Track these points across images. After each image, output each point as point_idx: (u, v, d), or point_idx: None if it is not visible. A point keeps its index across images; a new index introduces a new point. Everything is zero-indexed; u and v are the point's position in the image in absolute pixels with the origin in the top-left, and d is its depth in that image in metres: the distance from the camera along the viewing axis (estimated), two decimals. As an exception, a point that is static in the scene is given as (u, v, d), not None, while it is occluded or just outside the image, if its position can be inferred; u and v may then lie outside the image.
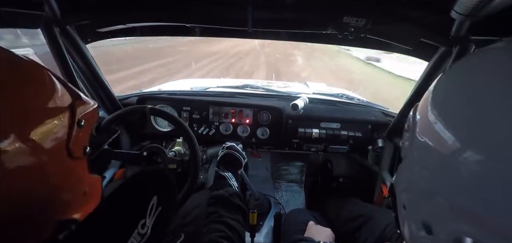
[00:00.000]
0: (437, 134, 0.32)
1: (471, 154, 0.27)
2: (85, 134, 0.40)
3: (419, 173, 0.36)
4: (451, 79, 0.38)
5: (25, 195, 0.29)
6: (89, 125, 0.41)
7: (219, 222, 0.64)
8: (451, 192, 0.29)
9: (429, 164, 0.34)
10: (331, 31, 0.80)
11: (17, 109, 0.29)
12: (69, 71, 0.88)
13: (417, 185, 0.36)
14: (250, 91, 1.38)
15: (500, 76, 0.29)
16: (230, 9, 0.80)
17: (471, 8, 0.55)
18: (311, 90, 1.63)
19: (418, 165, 0.37)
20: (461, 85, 0.34)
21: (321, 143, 1.23)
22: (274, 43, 13.64)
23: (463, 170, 0.27)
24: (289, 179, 1.60)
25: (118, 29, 0.95)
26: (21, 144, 0.28)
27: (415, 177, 0.37)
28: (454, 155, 0.29)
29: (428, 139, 0.34)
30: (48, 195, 0.32)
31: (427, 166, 0.34)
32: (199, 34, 0.99)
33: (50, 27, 0.78)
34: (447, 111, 0.33)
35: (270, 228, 1.25)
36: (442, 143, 0.31)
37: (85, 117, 0.39)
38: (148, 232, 0.34)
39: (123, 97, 1.25)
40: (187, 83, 1.74)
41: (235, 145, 0.91)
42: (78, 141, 0.37)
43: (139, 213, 0.33)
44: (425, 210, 0.34)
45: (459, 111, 0.31)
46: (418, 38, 0.78)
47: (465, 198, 0.27)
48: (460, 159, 0.28)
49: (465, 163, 0.27)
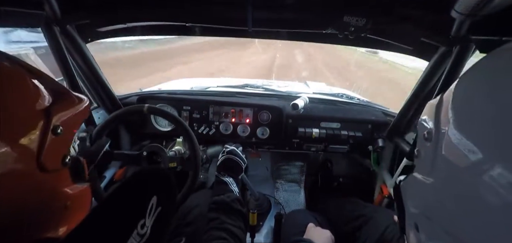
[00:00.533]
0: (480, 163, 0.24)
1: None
2: (65, 141, 0.35)
3: (444, 203, 0.29)
4: (480, 81, 0.31)
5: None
6: (71, 130, 0.37)
7: (220, 229, 0.64)
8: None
9: (460, 197, 0.27)
10: (331, 31, 0.80)
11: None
12: (69, 70, 0.88)
13: (440, 216, 0.30)
14: (250, 91, 1.38)
15: None
16: (230, 9, 0.80)
17: (471, 8, 0.54)
18: (311, 90, 1.63)
19: (445, 193, 0.29)
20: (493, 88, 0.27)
21: (321, 143, 1.22)
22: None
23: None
24: (289, 178, 1.60)
25: (118, 29, 0.95)
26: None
27: (437, 205, 0.31)
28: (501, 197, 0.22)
29: (463, 164, 0.26)
30: (14, 215, 0.28)
31: (458, 200, 0.27)
32: (199, 34, 0.99)
33: (50, 26, 0.78)
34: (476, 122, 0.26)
35: (270, 228, 1.25)
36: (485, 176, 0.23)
37: (66, 122, 0.34)
38: (147, 232, 0.33)
39: (123, 96, 1.25)
40: (187, 83, 1.74)
41: (235, 149, 0.91)
42: (53, 151, 0.32)
43: (139, 213, 0.33)
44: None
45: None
46: (418, 37, 0.78)
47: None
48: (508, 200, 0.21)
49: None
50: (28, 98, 0.31)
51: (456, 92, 0.32)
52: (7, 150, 0.26)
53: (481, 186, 0.23)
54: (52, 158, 0.32)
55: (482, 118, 0.26)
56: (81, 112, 0.39)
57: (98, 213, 0.31)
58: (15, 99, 0.29)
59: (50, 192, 0.34)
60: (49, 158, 0.31)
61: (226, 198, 0.72)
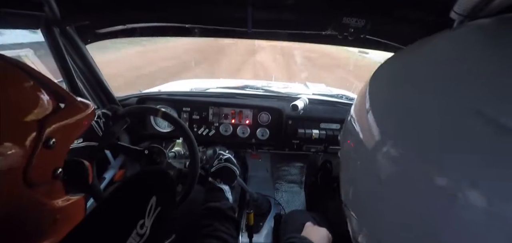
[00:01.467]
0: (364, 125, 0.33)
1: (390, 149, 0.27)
2: (57, 154, 0.33)
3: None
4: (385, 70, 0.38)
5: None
6: (66, 141, 0.34)
7: (213, 236, 0.64)
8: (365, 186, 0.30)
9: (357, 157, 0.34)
10: (330, 32, 0.80)
11: None
12: (69, 71, 0.88)
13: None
14: (250, 92, 1.38)
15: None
16: (230, 10, 0.80)
17: (470, 9, 0.54)
18: (310, 91, 1.63)
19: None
20: (393, 79, 0.34)
21: (321, 144, 1.22)
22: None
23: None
24: (289, 179, 1.60)
25: (118, 30, 0.96)
26: None
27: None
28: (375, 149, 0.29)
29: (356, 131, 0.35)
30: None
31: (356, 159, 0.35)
32: (199, 35, 0.99)
33: (50, 27, 0.78)
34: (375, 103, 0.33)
35: (270, 229, 1.24)
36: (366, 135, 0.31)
37: (62, 132, 0.32)
38: (147, 232, 0.33)
39: (123, 97, 1.25)
40: (187, 84, 1.74)
41: (231, 158, 0.91)
42: (42, 165, 0.30)
43: (138, 213, 0.33)
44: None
45: (387, 104, 0.31)
46: (418, 38, 0.78)
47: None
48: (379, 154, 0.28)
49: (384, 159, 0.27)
50: (19, 105, 0.29)
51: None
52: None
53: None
54: (40, 172, 0.30)
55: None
56: (82, 119, 0.37)
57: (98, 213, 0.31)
58: (3, 105, 0.27)
59: (37, 206, 0.32)
60: (37, 172, 0.29)
61: (222, 205, 0.72)
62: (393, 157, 0.27)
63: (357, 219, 0.34)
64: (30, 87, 0.30)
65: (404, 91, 0.30)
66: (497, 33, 0.29)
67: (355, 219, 0.35)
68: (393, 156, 0.27)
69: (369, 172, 0.30)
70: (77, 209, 0.40)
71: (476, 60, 0.27)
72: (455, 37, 0.33)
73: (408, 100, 0.29)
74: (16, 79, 0.29)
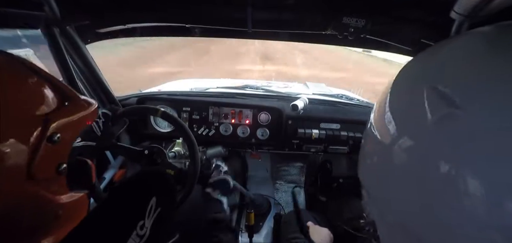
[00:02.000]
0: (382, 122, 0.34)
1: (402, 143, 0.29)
2: (61, 149, 0.33)
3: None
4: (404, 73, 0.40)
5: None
6: (70, 137, 0.34)
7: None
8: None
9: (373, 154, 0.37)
10: (330, 32, 0.80)
11: None
12: (69, 71, 0.88)
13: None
14: (249, 92, 1.38)
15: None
16: (230, 10, 0.80)
17: (471, 9, 0.54)
18: (310, 91, 1.63)
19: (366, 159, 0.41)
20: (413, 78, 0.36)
21: (321, 144, 1.22)
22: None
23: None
24: (289, 179, 1.60)
25: (118, 30, 0.96)
26: None
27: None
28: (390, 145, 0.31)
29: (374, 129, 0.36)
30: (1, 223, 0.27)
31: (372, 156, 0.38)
32: (199, 35, 0.99)
33: (50, 27, 0.78)
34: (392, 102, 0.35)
35: (270, 229, 1.24)
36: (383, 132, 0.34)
37: (66, 129, 0.32)
38: (147, 233, 0.33)
39: (123, 97, 1.25)
40: (187, 84, 1.74)
41: (227, 172, 0.96)
42: (47, 160, 0.31)
43: (138, 214, 0.33)
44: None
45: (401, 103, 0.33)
46: (418, 38, 0.78)
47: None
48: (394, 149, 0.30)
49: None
50: (25, 100, 0.29)
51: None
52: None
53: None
54: (44, 167, 0.31)
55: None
56: (86, 117, 0.37)
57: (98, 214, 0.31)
58: (9, 100, 0.27)
59: (40, 201, 0.32)
60: (41, 167, 0.30)
61: (225, 217, 0.78)
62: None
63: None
64: (34, 83, 0.31)
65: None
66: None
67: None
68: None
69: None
70: (80, 206, 0.40)
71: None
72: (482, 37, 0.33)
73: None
74: (22, 76, 0.30)
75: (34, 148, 0.29)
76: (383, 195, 0.33)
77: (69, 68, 0.88)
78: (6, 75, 0.29)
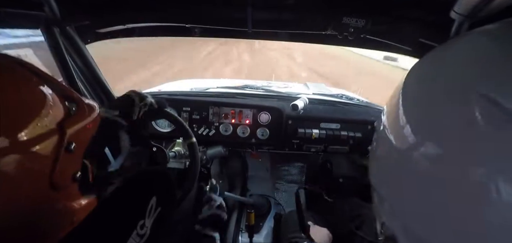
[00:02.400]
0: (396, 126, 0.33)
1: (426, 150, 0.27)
2: (76, 157, 0.33)
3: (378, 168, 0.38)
4: (418, 71, 0.38)
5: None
6: (82, 145, 0.34)
7: None
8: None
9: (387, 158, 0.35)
10: (330, 32, 0.80)
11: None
12: (69, 71, 0.88)
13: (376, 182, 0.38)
14: (250, 92, 1.38)
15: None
16: (230, 10, 0.80)
17: (471, 9, 0.54)
18: (310, 91, 1.63)
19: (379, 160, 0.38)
20: (425, 78, 0.34)
21: (321, 144, 1.22)
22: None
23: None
24: (289, 179, 1.60)
25: (118, 30, 0.96)
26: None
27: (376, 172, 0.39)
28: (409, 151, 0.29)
29: (388, 132, 0.35)
30: (18, 232, 0.27)
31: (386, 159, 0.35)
32: (199, 35, 0.99)
33: (50, 27, 0.78)
34: (407, 102, 0.33)
35: (270, 228, 1.25)
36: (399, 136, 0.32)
37: (78, 136, 0.32)
38: (147, 233, 0.33)
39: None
40: (187, 84, 1.74)
41: (223, 204, 0.90)
42: (65, 169, 0.31)
43: (138, 213, 0.33)
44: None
45: (418, 104, 0.32)
46: (418, 38, 0.78)
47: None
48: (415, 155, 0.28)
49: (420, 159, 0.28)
50: (40, 109, 0.28)
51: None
52: (19, 166, 0.25)
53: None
54: (63, 176, 0.31)
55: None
56: (93, 121, 0.36)
57: (98, 213, 0.31)
58: (30, 111, 0.27)
59: (58, 209, 0.32)
60: (61, 175, 0.30)
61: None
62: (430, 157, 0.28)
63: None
64: (43, 89, 0.30)
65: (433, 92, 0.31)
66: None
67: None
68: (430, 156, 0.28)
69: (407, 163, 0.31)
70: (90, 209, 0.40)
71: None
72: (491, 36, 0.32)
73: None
74: (33, 82, 0.29)
75: (54, 157, 0.29)
76: (408, 207, 0.30)
77: (69, 68, 0.88)
78: (22, 82, 0.28)
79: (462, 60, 0.31)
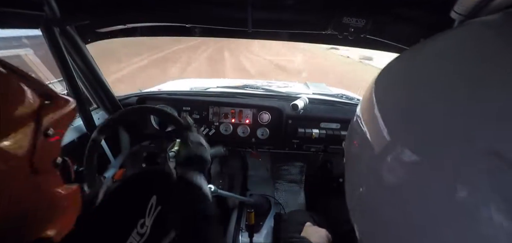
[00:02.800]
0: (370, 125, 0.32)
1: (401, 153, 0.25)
2: (55, 143, 0.35)
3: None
4: (391, 69, 0.37)
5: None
6: (60, 133, 0.36)
7: None
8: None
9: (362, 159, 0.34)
10: (331, 32, 0.80)
11: None
12: (69, 71, 0.88)
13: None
14: (250, 91, 1.38)
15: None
16: (230, 10, 0.80)
17: (471, 9, 0.54)
18: (311, 91, 1.63)
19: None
20: (401, 76, 0.33)
21: (321, 143, 1.23)
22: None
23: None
24: (289, 179, 1.60)
25: (118, 29, 0.96)
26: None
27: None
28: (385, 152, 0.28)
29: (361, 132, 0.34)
30: (6, 215, 0.28)
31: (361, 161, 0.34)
32: (199, 34, 0.99)
33: (50, 27, 0.78)
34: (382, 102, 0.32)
35: (270, 228, 1.25)
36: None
37: (56, 124, 0.34)
38: (147, 232, 0.34)
39: (123, 97, 1.25)
40: (187, 83, 1.74)
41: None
42: (45, 153, 0.32)
43: (138, 212, 0.33)
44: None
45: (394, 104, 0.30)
46: (418, 38, 0.78)
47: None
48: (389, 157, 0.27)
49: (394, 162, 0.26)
50: (20, 100, 0.30)
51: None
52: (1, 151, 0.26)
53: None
54: (43, 160, 0.32)
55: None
56: (68, 114, 0.37)
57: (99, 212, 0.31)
58: (7, 103, 0.28)
59: (43, 193, 0.33)
60: (41, 159, 0.31)
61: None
62: (403, 162, 0.25)
63: (360, 225, 0.33)
64: (17, 82, 0.31)
65: (414, 93, 0.29)
66: (504, 29, 0.28)
67: (358, 226, 0.34)
68: (402, 161, 0.25)
69: (375, 176, 0.29)
70: (76, 197, 0.40)
71: (485, 57, 0.26)
72: (460, 35, 0.31)
73: (418, 102, 0.27)
74: (7, 76, 0.30)
75: (33, 142, 0.30)
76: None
77: (69, 68, 0.88)
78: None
79: (444, 57, 0.31)
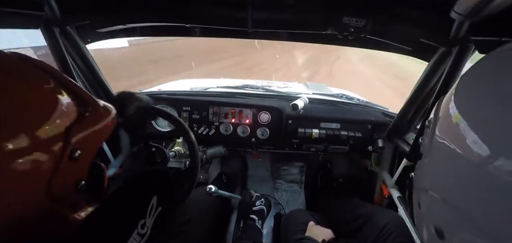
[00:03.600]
0: (463, 138, 0.29)
1: (503, 164, 0.24)
2: (81, 165, 0.31)
3: (437, 177, 0.34)
4: (481, 79, 0.34)
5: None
6: (91, 152, 0.32)
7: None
8: (474, 203, 0.27)
9: (450, 169, 0.31)
10: (331, 32, 0.80)
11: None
12: (69, 71, 0.88)
13: (434, 189, 0.35)
14: (250, 91, 1.38)
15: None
16: (230, 10, 0.80)
17: (471, 9, 0.54)
18: (310, 91, 1.63)
19: (437, 168, 0.35)
20: (494, 86, 0.30)
21: (321, 143, 1.23)
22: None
23: (492, 181, 0.25)
24: (289, 179, 1.60)
25: (118, 29, 0.95)
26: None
27: (432, 180, 0.35)
28: (482, 164, 0.26)
29: (452, 142, 0.31)
30: (15, 239, 0.25)
31: (448, 172, 0.32)
32: (199, 34, 0.99)
33: (50, 27, 0.78)
34: (477, 115, 0.30)
35: (270, 228, 1.25)
36: (468, 149, 0.28)
37: (87, 143, 0.30)
38: (148, 232, 0.33)
39: (123, 97, 1.24)
40: (187, 83, 1.74)
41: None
42: (67, 177, 0.28)
43: (139, 213, 0.33)
44: (440, 215, 0.33)
45: (492, 115, 0.28)
46: (418, 38, 0.78)
47: (488, 211, 0.25)
48: (489, 169, 0.25)
49: (495, 174, 0.24)
50: (45, 111, 0.26)
51: (458, 89, 0.36)
52: (15, 168, 0.23)
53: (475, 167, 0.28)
54: (64, 185, 0.28)
55: (484, 112, 0.29)
56: (106, 126, 0.34)
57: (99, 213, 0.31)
58: (30, 109, 0.25)
59: (57, 217, 0.29)
60: (61, 184, 0.27)
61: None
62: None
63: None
64: (55, 91, 0.28)
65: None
66: None
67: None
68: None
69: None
70: None
71: None
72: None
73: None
74: (39, 81, 0.27)
75: (55, 165, 0.26)
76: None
77: (69, 68, 0.88)
78: (24, 81, 0.26)
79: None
